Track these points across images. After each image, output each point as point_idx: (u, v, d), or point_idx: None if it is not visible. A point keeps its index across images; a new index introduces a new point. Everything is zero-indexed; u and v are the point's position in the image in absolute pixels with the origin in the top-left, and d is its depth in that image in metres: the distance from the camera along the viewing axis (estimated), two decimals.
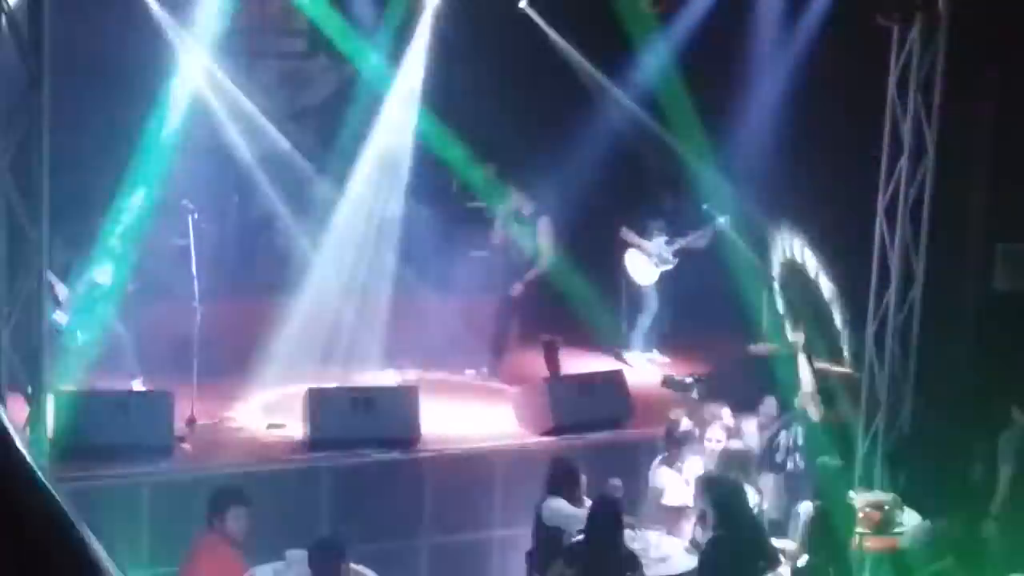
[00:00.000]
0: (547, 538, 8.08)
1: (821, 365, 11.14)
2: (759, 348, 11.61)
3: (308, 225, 11.58)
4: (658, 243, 12.16)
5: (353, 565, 7.54)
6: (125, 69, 10.70)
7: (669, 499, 8.69)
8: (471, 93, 11.74)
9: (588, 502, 8.06)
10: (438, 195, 12.49)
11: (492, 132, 11.52)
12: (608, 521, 7.58)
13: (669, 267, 12.17)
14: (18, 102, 7.34)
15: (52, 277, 9.22)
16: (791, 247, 12.96)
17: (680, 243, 12.11)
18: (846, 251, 11.62)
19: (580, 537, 7.73)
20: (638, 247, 12.19)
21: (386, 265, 11.41)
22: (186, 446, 8.94)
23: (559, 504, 8.04)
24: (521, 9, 12.01)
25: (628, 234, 12.18)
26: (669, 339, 12.44)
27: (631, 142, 12.63)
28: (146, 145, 10.21)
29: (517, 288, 11.38)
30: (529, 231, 11.37)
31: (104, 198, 10.02)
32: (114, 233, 9.75)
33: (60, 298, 9.36)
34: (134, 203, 9.81)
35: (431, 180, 12.19)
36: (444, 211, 12.32)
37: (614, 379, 10.34)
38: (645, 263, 12.18)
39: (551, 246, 11.39)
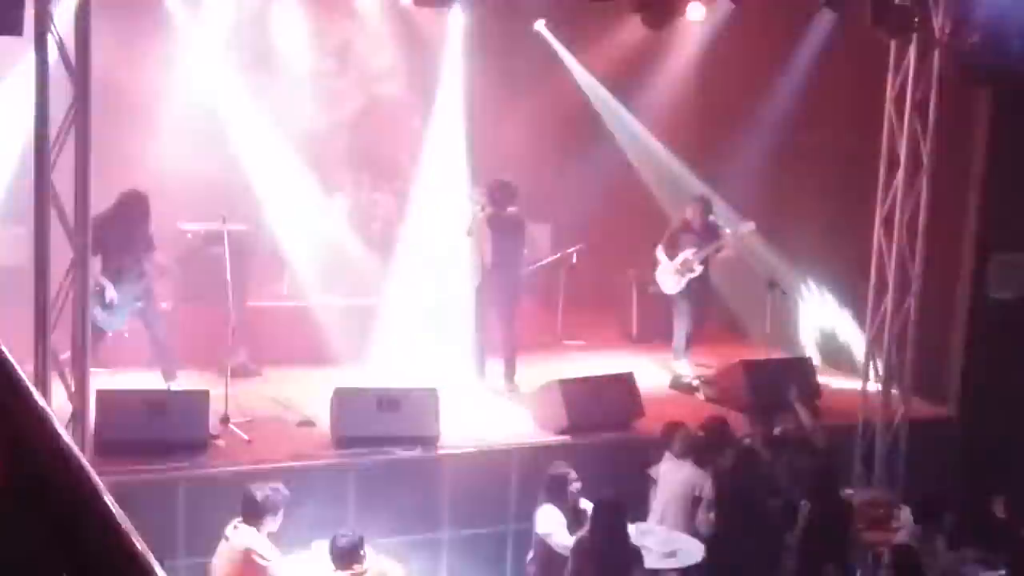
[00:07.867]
0: (541, 543, 8.38)
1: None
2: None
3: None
4: (684, 255, 11.86)
5: (377, 556, 7.84)
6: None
7: (677, 495, 8.96)
8: None
9: (585, 503, 8.31)
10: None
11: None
12: (610, 521, 7.86)
13: (693, 274, 11.85)
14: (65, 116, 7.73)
15: (104, 280, 9.57)
16: None
17: (704, 253, 11.82)
18: (845, 261, 11.76)
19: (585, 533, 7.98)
20: (661, 265, 12.04)
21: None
22: (220, 443, 9.18)
23: (545, 513, 8.32)
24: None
25: (660, 251, 11.99)
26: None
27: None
28: None
29: None
30: None
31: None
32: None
33: (108, 300, 9.64)
34: None
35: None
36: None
37: (624, 381, 10.52)
38: (668, 275, 11.99)
39: None
